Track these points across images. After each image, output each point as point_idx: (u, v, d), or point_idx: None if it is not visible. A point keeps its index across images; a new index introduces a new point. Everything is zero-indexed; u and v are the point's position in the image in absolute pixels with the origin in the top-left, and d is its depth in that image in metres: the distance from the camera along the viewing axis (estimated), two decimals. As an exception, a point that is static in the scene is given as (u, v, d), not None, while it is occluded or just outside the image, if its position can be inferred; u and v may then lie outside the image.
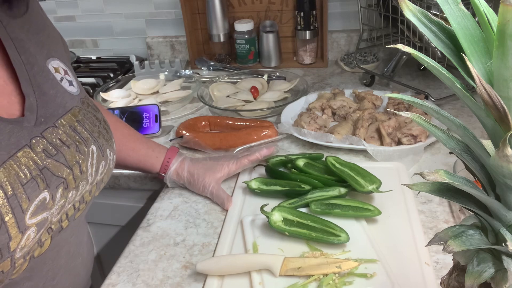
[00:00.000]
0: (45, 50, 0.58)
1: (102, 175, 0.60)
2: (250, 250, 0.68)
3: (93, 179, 0.57)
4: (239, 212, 0.77)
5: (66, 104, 0.56)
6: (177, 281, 0.66)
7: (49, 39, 0.60)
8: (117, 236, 1.08)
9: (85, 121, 0.58)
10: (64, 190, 0.52)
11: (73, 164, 0.53)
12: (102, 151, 0.59)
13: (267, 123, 1.01)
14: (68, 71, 0.60)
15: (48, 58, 0.57)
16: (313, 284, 0.61)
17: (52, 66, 0.57)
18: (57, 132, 0.53)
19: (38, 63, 0.55)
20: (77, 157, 0.54)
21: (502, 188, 0.33)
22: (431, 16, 0.33)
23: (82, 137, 0.56)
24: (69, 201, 0.53)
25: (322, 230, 0.68)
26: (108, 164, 0.61)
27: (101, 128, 0.60)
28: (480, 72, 0.32)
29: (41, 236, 0.50)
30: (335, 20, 1.40)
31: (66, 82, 0.58)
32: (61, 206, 0.52)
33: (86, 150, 0.56)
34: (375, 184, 0.74)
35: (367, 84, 1.22)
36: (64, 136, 0.54)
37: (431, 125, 0.35)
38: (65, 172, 0.52)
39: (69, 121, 0.55)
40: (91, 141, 0.57)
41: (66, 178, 0.52)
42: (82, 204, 0.57)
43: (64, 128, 0.54)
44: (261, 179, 0.81)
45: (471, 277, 0.35)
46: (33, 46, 0.56)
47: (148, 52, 1.56)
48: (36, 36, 0.57)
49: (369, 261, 0.63)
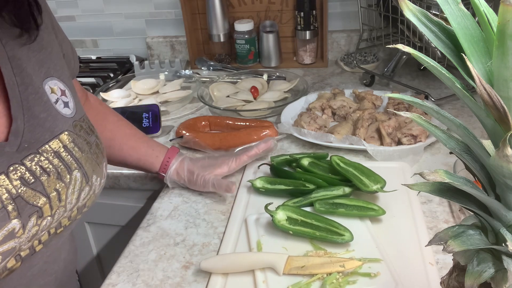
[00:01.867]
0: (44, 69, 0.56)
1: (84, 201, 0.58)
2: (254, 248, 0.68)
3: (72, 206, 0.56)
4: (243, 211, 0.77)
5: (55, 129, 0.55)
6: (177, 281, 0.66)
7: (51, 56, 0.58)
8: (117, 236, 1.08)
9: (73, 146, 0.56)
10: (38, 219, 0.51)
11: (51, 192, 0.52)
12: (87, 177, 0.57)
13: (267, 123, 1.01)
14: (67, 91, 0.59)
15: (46, 78, 0.56)
16: (316, 283, 0.61)
17: (49, 86, 0.56)
18: (39, 159, 0.52)
19: (33, 84, 0.54)
20: (57, 185, 0.53)
21: (502, 188, 0.33)
22: (431, 16, 0.33)
23: (66, 164, 0.54)
24: (43, 228, 0.52)
25: (326, 229, 0.68)
26: (93, 190, 0.59)
27: (90, 154, 0.58)
28: (480, 72, 0.32)
29: (6, 263, 0.49)
30: (335, 20, 1.40)
31: (61, 103, 0.57)
32: (33, 234, 0.51)
33: (68, 177, 0.54)
34: (379, 183, 0.75)
35: (367, 84, 1.22)
36: (46, 163, 0.52)
37: (431, 125, 0.35)
38: (41, 200, 0.51)
39: (54, 147, 0.54)
40: (75, 167, 0.55)
41: (41, 206, 0.51)
42: (60, 229, 0.56)
43: (48, 154, 0.53)
44: (266, 178, 0.81)
45: (471, 277, 0.35)
46: (31, 65, 0.54)
47: (148, 52, 1.56)
48: (38, 54, 0.56)
49: (373, 260, 0.63)
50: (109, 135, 0.82)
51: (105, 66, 1.51)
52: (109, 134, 0.82)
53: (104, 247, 1.12)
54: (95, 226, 1.09)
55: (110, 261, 0.75)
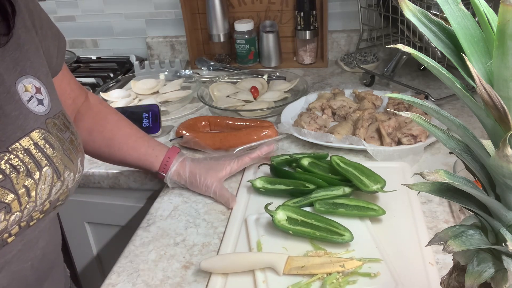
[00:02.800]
0: (19, 67, 0.57)
1: (57, 195, 0.59)
2: (254, 248, 0.68)
3: (43, 201, 0.57)
4: (243, 211, 0.77)
5: (27, 127, 0.56)
6: (177, 281, 0.66)
7: (28, 54, 0.59)
8: (117, 236, 1.08)
9: (44, 143, 0.57)
10: (6, 214, 0.52)
11: (19, 188, 0.53)
12: (58, 173, 0.58)
13: (267, 123, 1.01)
14: (42, 88, 0.60)
15: (20, 76, 0.57)
16: (316, 283, 0.61)
17: (23, 84, 0.57)
18: (9, 157, 0.53)
19: (4, 84, 0.55)
20: (26, 181, 0.54)
21: (502, 188, 0.33)
22: (431, 16, 0.33)
23: (36, 161, 0.55)
24: (12, 223, 0.53)
25: (326, 229, 0.68)
26: (65, 185, 0.60)
27: (63, 150, 0.59)
28: (480, 72, 0.32)
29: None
30: (335, 20, 1.40)
31: (35, 101, 0.58)
32: (2, 229, 0.52)
33: (38, 173, 0.55)
34: (379, 183, 0.75)
35: (367, 84, 1.22)
36: (16, 161, 0.53)
37: (431, 125, 0.35)
38: (9, 197, 0.52)
39: (25, 145, 0.55)
40: (46, 164, 0.56)
41: (9, 203, 0.52)
42: (32, 221, 0.57)
43: (18, 152, 0.54)
44: (266, 178, 0.81)
45: (471, 277, 0.35)
46: (4, 65, 0.55)
47: (148, 52, 1.56)
48: (13, 52, 0.57)
49: (373, 260, 0.63)
50: (109, 135, 0.82)
51: (105, 66, 1.51)
52: (109, 134, 0.82)
53: (104, 247, 1.12)
54: (95, 226, 1.09)
55: (110, 261, 0.75)
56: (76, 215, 1.07)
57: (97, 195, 1.03)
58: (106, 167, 0.97)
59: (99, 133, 0.81)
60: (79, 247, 1.12)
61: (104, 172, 0.97)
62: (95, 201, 1.04)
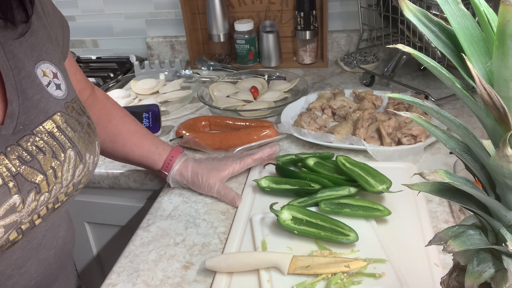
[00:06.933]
0: (36, 53, 0.58)
1: (79, 178, 0.61)
2: (259, 248, 0.68)
3: (68, 182, 0.59)
4: (248, 210, 0.77)
5: (49, 110, 0.57)
6: (177, 281, 0.66)
7: (42, 40, 0.60)
8: (117, 236, 1.08)
9: (66, 126, 0.59)
10: (36, 194, 0.54)
11: (47, 169, 0.55)
12: (81, 156, 0.60)
13: (267, 123, 1.01)
14: (58, 73, 0.61)
15: (38, 62, 0.58)
16: (321, 283, 0.61)
17: (41, 69, 0.58)
18: (34, 139, 0.54)
19: (25, 68, 0.56)
20: (53, 163, 0.56)
21: (502, 188, 0.33)
22: (431, 16, 0.33)
23: (60, 143, 0.57)
24: (41, 203, 0.55)
25: (331, 229, 0.68)
26: (87, 167, 0.62)
27: (83, 133, 0.61)
28: (480, 72, 0.32)
29: (9, 235, 0.52)
30: (335, 20, 1.40)
31: (53, 86, 0.59)
32: (33, 209, 0.54)
33: (63, 155, 0.57)
34: (385, 184, 0.74)
35: (367, 84, 1.22)
36: (41, 143, 0.55)
37: (431, 125, 0.35)
38: (38, 177, 0.54)
39: (48, 128, 0.56)
40: (69, 146, 0.58)
41: (39, 183, 0.54)
42: (58, 204, 0.59)
43: (42, 135, 0.55)
44: (271, 178, 0.81)
45: (471, 277, 0.35)
46: (23, 50, 0.57)
47: (148, 52, 1.56)
48: (29, 38, 0.58)
49: (378, 261, 0.63)
50: (114, 130, 0.82)
51: (105, 66, 1.51)
52: (114, 129, 0.82)
53: (104, 247, 1.12)
54: (95, 226, 1.09)
55: (110, 261, 0.75)
56: (76, 215, 1.07)
57: (97, 195, 1.03)
58: (106, 167, 0.97)
59: (104, 128, 0.81)
60: (79, 247, 1.12)
61: (104, 172, 0.97)
62: (95, 201, 1.04)
